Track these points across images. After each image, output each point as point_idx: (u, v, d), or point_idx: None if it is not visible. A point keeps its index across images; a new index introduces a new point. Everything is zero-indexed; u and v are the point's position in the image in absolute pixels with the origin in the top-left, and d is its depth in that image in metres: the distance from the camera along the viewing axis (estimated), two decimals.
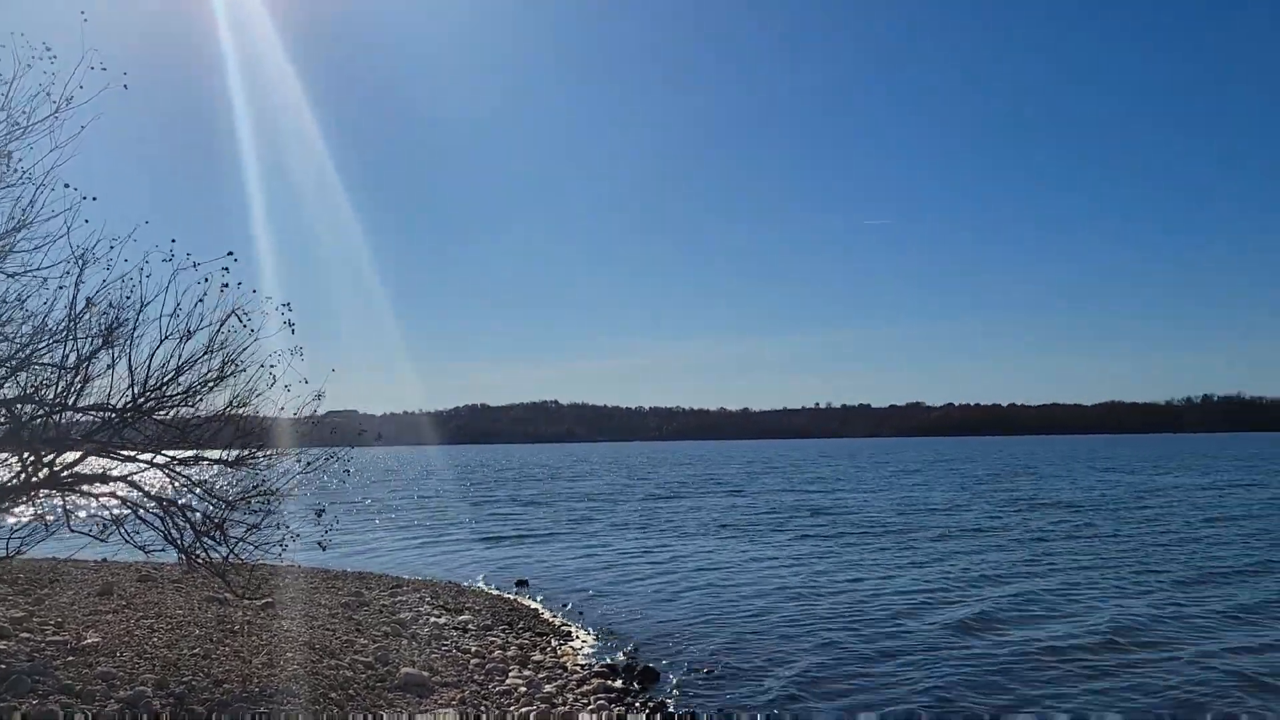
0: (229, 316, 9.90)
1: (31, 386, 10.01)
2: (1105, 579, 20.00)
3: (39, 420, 10.11)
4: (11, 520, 10.42)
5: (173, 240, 9.57)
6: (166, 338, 9.72)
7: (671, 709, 11.03)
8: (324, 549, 11.07)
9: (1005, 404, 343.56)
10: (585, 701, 10.85)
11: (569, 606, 17.88)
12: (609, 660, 13.29)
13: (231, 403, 10.37)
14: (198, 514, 10.48)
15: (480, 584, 20.48)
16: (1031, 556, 23.58)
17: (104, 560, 18.70)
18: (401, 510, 42.55)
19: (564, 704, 10.63)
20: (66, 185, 9.32)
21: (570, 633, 15.34)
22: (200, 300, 9.70)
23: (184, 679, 9.39)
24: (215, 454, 10.57)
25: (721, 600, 18.22)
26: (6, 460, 10.31)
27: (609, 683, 11.83)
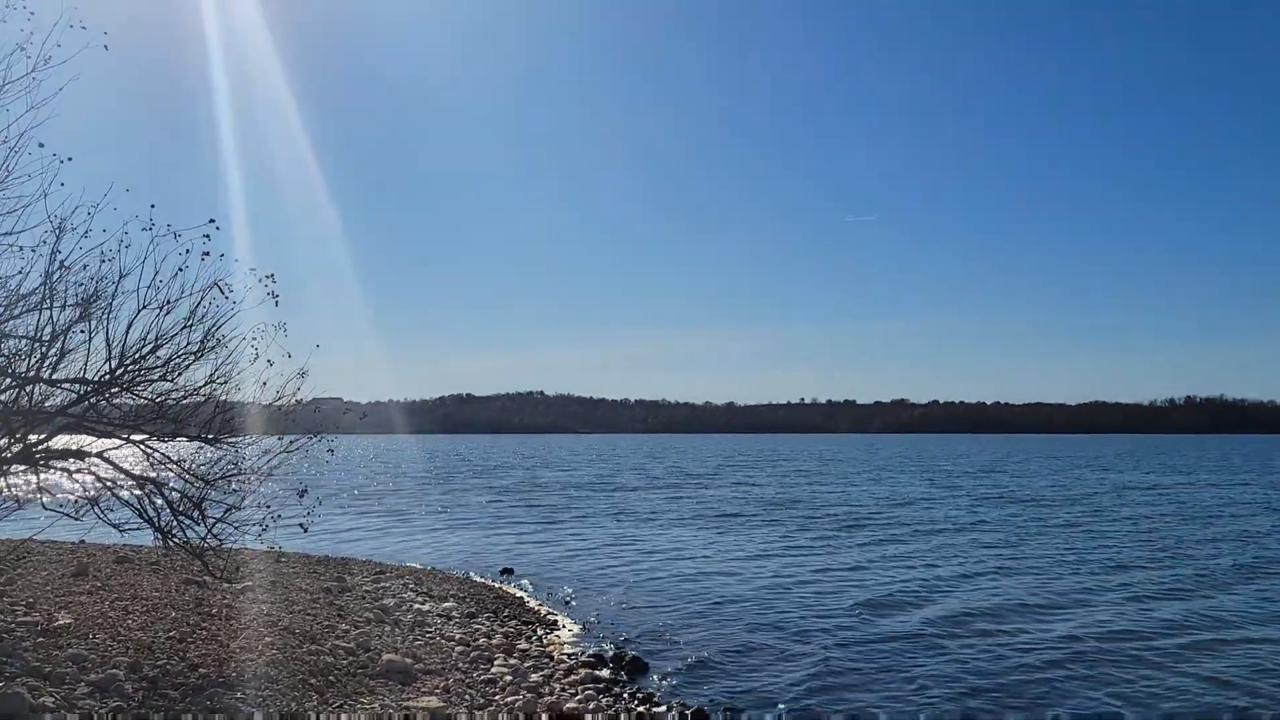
0: (211, 287, 9.57)
1: (3, 358, 9.66)
2: (1064, 575, 19.90)
3: (11, 393, 9.76)
4: None
5: (152, 206, 9.24)
6: (145, 307, 9.38)
7: (660, 700, 10.78)
8: (305, 530, 10.75)
9: (989, 402, 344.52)
10: (572, 691, 10.58)
11: (554, 595, 17.61)
12: (596, 650, 13.02)
13: (212, 378, 10.03)
14: (175, 493, 10.15)
15: (464, 571, 20.18)
16: (999, 551, 23.57)
17: (81, 541, 18.31)
18: (384, 498, 42.18)
19: (550, 694, 10.36)
20: (41, 145, 8.96)
21: (556, 622, 15.07)
22: (180, 270, 9.36)
23: (159, 662, 9.08)
24: (194, 431, 10.21)
25: (706, 591, 18.00)
26: None
27: (596, 672, 11.56)
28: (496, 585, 18.50)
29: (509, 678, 10.80)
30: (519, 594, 17.61)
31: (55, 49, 9.05)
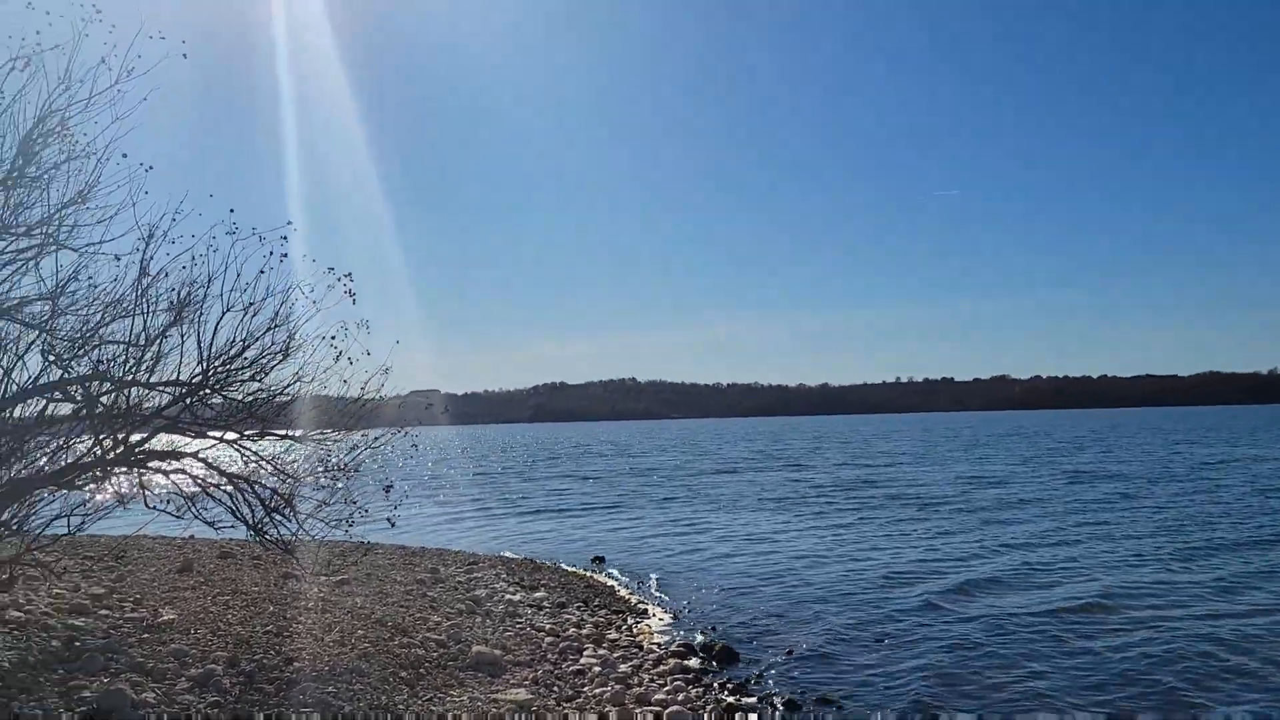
0: (291, 289, 9.72)
1: (102, 363, 9.98)
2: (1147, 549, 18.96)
3: (111, 396, 10.09)
4: (87, 496, 10.42)
5: (231, 210, 9.40)
6: (229, 309, 9.58)
7: (751, 690, 10.61)
8: (393, 525, 10.88)
9: (1096, 376, 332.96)
10: (661, 682, 10.49)
11: (644, 583, 17.58)
12: (685, 639, 12.91)
13: (298, 376, 10.21)
14: (267, 490, 10.37)
15: (556, 560, 20.30)
16: (1100, 530, 22.61)
17: (191, 537, 18.99)
18: (475, 488, 42.85)
19: (639, 684, 10.28)
20: (125, 156, 9.19)
21: (646, 610, 15.02)
22: (262, 272, 9.53)
23: (255, 656, 9.30)
24: (283, 430, 10.43)
25: (794, 577, 17.74)
26: (82, 437, 10.34)
27: (686, 662, 11.45)
28: (587, 574, 18.56)
29: (598, 668, 10.77)
30: (609, 582, 17.62)
31: (136, 60, 9.26)
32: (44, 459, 9.87)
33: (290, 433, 10.37)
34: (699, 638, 13.10)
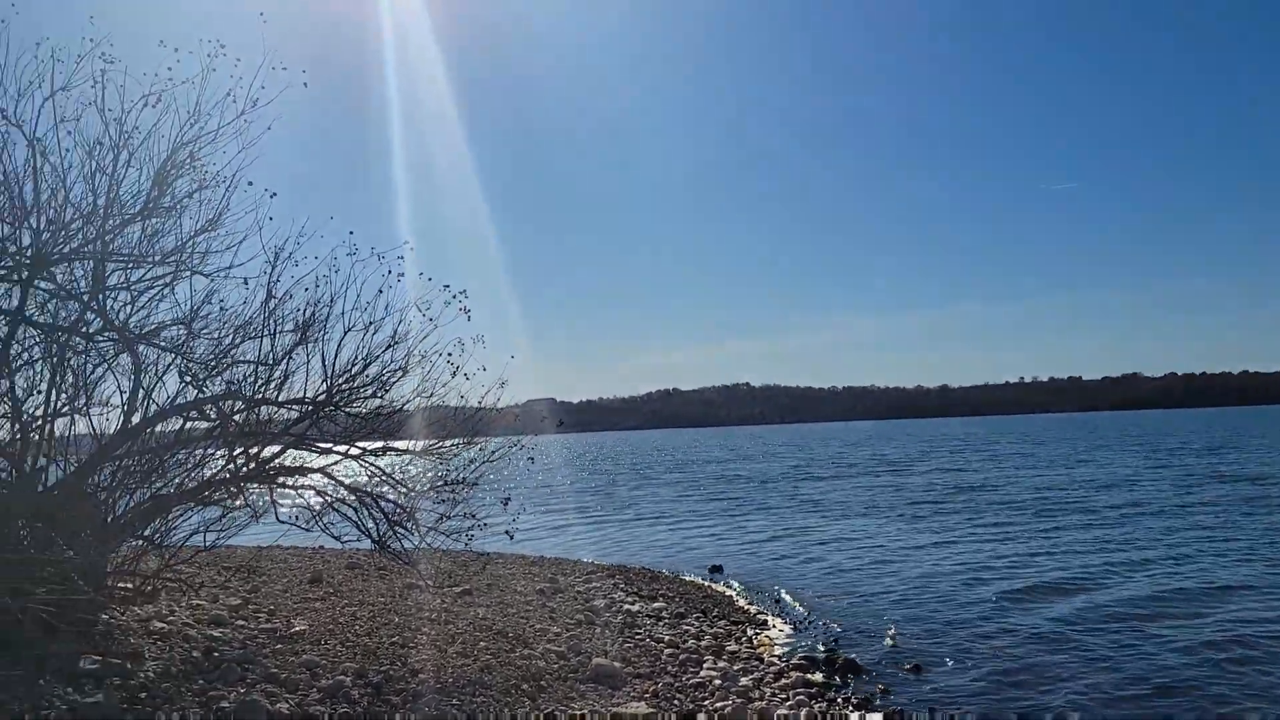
0: (409, 306, 9.94)
1: (234, 383, 10.39)
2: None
3: (242, 414, 10.49)
4: (222, 511, 10.85)
5: (350, 232, 9.67)
6: (351, 329, 9.85)
7: (877, 707, 10.30)
8: (511, 537, 11.01)
9: (1237, 371, 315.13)
10: (784, 696, 10.29)
11: (763, 593, 17.33)
12: (807, 651, 12.65)
13: (417, 392, 10.44)
14: (390, 503, 10.61)
15: (673, 569, 20.23)
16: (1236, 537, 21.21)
17: (319, 548, 19.66)
18: (590, 495, 43.16)
19: (761, 698, 10.11)
20: (250, 183, 9.55)
21: (766, 621, 14.79)
22: (380, 291, 9.77)
23: (382, 668, 9.49)
24: (403, 444, 10.67)
25: (917, 587, 17.22)
26: (216, 454, 10.78)
27: (808, 676, 11.20)
28: (705, 583, 18.42)
29: (718, 681, 10.63)
30: (728, 592, 17.44)
31: (260, 91, 9.63)
32: (182, 476, 10.33)
33: (411, 447, 10.59)
34: (820, 650, 12.81)
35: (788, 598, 16.80)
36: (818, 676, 11.26)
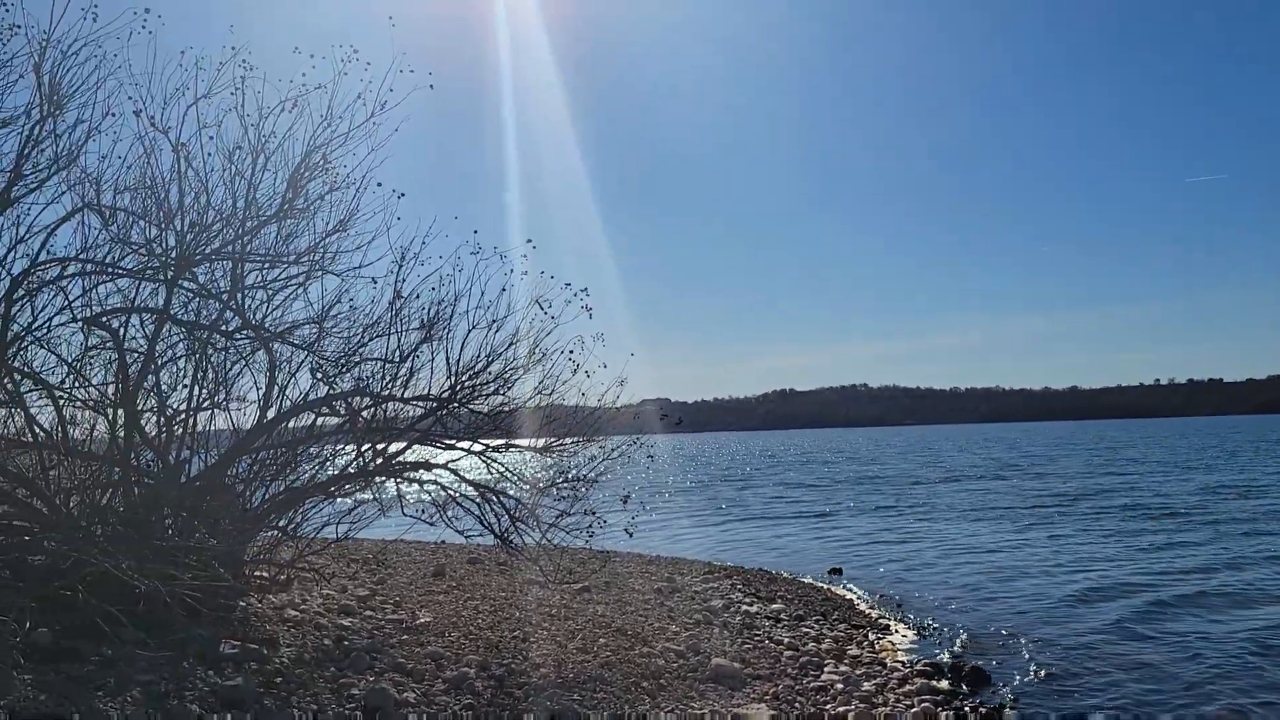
0: (531, 304, 10.04)
1: (362, 380, 10.70)
2: None
3: (370, 410, 10.79)
4: (351, 504, 11.19)
5: (475, 232, 9.83)
6: (474, 327, 10.01)
7: (1008, 717, 9.90)
8: (630, 535, 11.02)
9: None
10: (909, 703, 9.97)
11: (885, 597, 16.90)
12: (932, 658, 12.26)
13: (539, 389, 10.55)
14: (512, 499, 10.75)
15: (791, 571, 19.95)
16: None
17: (442, 542, 20.09)
18: (706, 495, 43.00)
19: (884, 704, 9.83)
20: (379, 184, 9.80)
21: (888, 626, 14.42)
22: (503, 290, 9.90)
23: (504, 661, 9.61)
24: (525, 441, 10.80)
25: (1042, 592, 16.53)
26: (345, 449, 11.13)
27: (933, 683, 10.85)
28: (824, 586, 18.09)
29: (840, 685, 10.39)
30: (847, 595, 17.09)
31: (389, 93, 9.88)
32: (314, 469, 10.69)
33: (532, 443, 10.71)
34: (945, 656, 12.41)
35: (909, 602, 16.35)
36: (943, 684, 10.91)
